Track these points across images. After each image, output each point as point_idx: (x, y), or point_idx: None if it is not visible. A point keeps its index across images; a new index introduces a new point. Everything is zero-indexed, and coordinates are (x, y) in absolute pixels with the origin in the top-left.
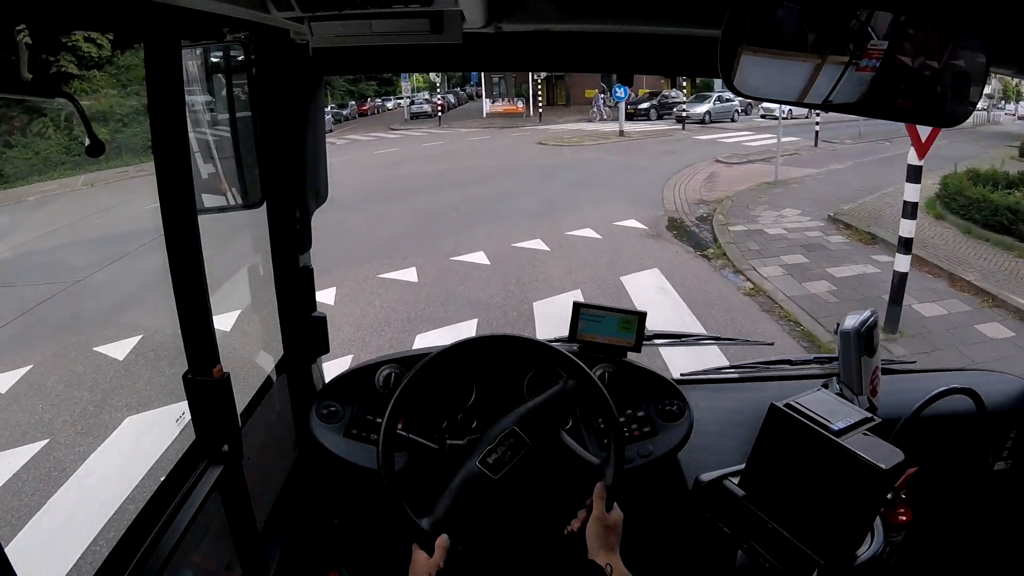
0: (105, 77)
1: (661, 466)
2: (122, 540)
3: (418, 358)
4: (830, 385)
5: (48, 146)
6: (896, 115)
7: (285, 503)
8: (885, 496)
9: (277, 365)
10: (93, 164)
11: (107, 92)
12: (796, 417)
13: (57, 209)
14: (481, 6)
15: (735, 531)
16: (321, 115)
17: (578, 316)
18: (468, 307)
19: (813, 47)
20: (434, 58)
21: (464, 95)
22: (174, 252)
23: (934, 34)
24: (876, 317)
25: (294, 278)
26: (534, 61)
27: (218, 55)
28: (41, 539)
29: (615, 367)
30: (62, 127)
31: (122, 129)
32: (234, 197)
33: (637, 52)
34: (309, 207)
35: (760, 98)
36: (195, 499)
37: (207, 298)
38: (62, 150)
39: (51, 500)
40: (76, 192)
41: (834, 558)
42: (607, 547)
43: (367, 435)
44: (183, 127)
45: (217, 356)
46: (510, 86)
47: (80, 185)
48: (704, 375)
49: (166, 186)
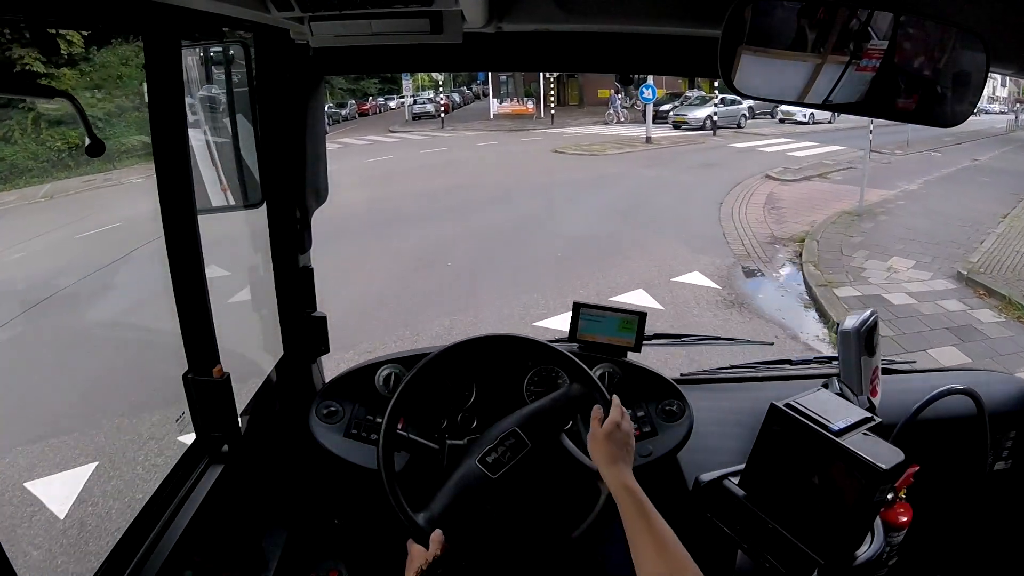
0: (76, 76)
1: (661, 466)
2: (123, 539)
3: (418, 358)
4: (830, 385)
5: (14, 152)
6: (896, 115)
7: (285, 503)
8: (885, 496)
9: (277, 365)
10: (63, 171)
11: (77, 92)
12: (796, 417)
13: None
14: (481, 6)
15: (735, 531)
16: (321, 115)
17: (578, 316)
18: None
19: (813, 47)
20: (434, 58)
21: (470, 94)
22: (174, 252)
23: (934, 34)
24: (876, 317)
25: (294, 278)
26: (534, 61)
27: (218, 55)
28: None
29: (615, 367)
30: (29, 132)
31: (95, 133)
32: (234, 197)
33: (637, 52)
34: (309, 207)
35: (760, 98)
36: (195, 499)
37: (207, 298)
38: (29, 156)
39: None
40: (34, 206)
41: (834, 558)
42: (609, 460)
43: (367, 435)
44: (183, 127)
45: (217, 356)
46: (519, 85)
47: (40, 197)
48: (704, 375)
49: (166, 186)
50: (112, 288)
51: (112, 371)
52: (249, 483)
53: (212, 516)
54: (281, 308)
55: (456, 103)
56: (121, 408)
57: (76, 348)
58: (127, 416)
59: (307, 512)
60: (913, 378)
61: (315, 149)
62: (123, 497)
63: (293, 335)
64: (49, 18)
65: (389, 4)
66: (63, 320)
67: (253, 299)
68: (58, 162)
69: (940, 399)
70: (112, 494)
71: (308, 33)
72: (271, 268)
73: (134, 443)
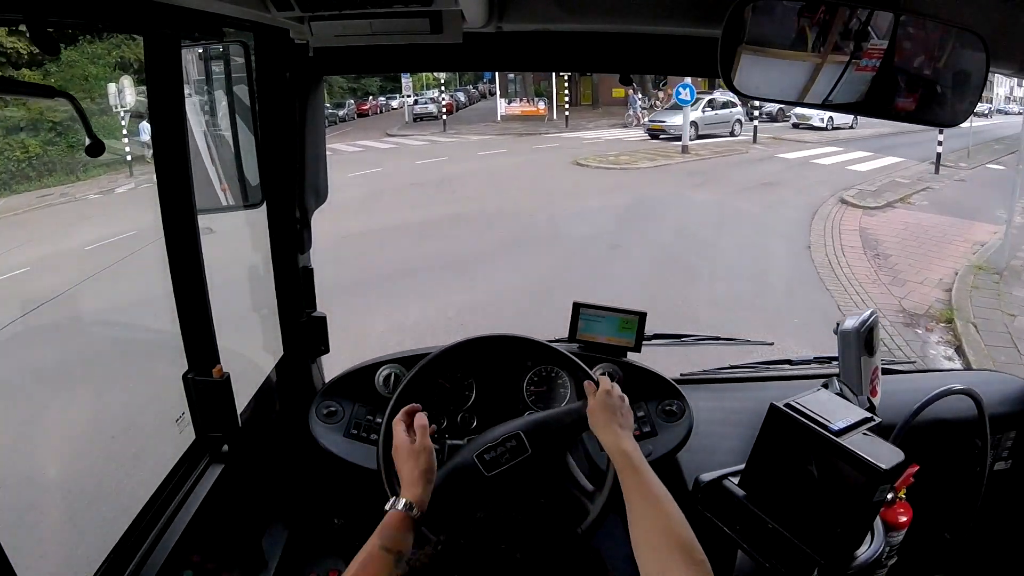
0: (38, 77)
1: (661, 466)
2: (123, 539)
3: (418, 358)
4: (830, 385)
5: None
6: (896, 115)
7: (285, 502)
8: (885, 496)
9: (277, 365)
10: (21, 184)
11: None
12: (796, 417)
13: None
14: (481, 6)
15: (735, 531)
16: (321, 115)
17: (578, 316)
18: None
19: (813, 47)
20: (434, 58)
21: (476, 93)
22: (174, 252)
23: (934, 34)
24: (876, 317)
25: (294, 278)
26: (534, 61)
27: (218, 54)
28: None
29: (615, 367)
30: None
31: (56, 141)
32: (234, 197)
33: (637, 52)
34: (309, 207)
35: (760, 98)
36: (195, 498)
37: (207, 298)
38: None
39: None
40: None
41: (834, 558)
42: (604, 424)
43: (367, 435)
44: (183, 126)
45: (217, 356)
46: (528, 84)
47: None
48: (704, 375)
49: (166, 186)
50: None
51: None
52: (249, 483)
53: (212, 516)
54: (281, 308)
55: (461, 103)
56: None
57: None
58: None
59: (307, 512)
60: (913, 378)
61: (315, 149)
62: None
63: (293, 335)
64: (49, 18)
65: (389, 4)
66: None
67: (253, 299)
68: (17, 173)
69: (940, 399)
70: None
71: (308, 33)
72: (271, 268)
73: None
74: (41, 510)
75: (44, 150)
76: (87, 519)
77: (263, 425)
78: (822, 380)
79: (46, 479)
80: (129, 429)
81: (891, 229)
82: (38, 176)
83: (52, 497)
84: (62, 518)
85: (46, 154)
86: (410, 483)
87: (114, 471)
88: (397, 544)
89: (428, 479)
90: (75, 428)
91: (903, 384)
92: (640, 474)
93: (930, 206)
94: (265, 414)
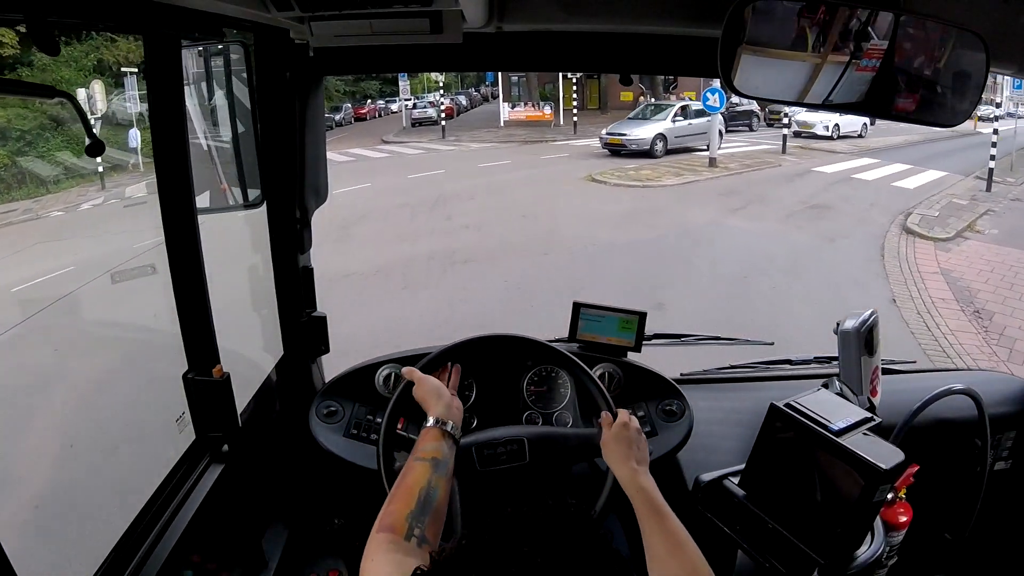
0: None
1: (661, 466)
2: (123, 539)
3: (418, 358)
4: (830, 385)
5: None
6: (896, 115)
7: (285, 502)
8: (885, 496)
9: (277, 365)
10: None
11: (3, 102)
12: (796, 417)
13: None
14: (481, 6)
15: (735, 531)
16: (321, 115)
17: (578, 316)
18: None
19: (813, 47)
20: (434, 58)
21: (478, 96)
22: (174, 252)
23: (934, 34)
24: (876, 316)
25: (294, 278)
26: (534, 61)
27: (218, 54)
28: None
29: (615, 367)
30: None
31: (25, 150)
32: (234, 197)
33: (637, 52)
34: (309, 207)
35: (760, 98)
36: (195, 498)
37: (207, 298)
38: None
39: None
40: None
41: (834, 558)
42: (620, 460)
43: (367, 435)
44: (183, 126)
45: (217, 356)
46: (532, 87)
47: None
48: (704, 375)
49: (166, 186)
50: None
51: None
52: (249, 482)
53: (212, 515)
54: (281, 308)
55: (462, 106)
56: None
57: None
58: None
59: (307, 511)
60: (913, 378)
61: (315, 149)
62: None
63: (293, 335)
64: (49, 18)
65: (389, 4)
66: None
67: (253, 299)
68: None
69: (940, 399)
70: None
71: (308, 33)
72: (271, 268)
73: None
74: (41, 510)
75: (12, 160)
76: (87, 519)
77: (263, 425)
78: (822, 380)
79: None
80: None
81: (975, 270)
82: (7, 188)
83: (52, 497)
84: (62, 518)
85: (15, 164)
86: (438, 408)
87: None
88: (432, 452)
89: (458, 407)
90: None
91: (903, 384)
92: (663, 518)
93: (1001, 235)
94: (265, 414)
